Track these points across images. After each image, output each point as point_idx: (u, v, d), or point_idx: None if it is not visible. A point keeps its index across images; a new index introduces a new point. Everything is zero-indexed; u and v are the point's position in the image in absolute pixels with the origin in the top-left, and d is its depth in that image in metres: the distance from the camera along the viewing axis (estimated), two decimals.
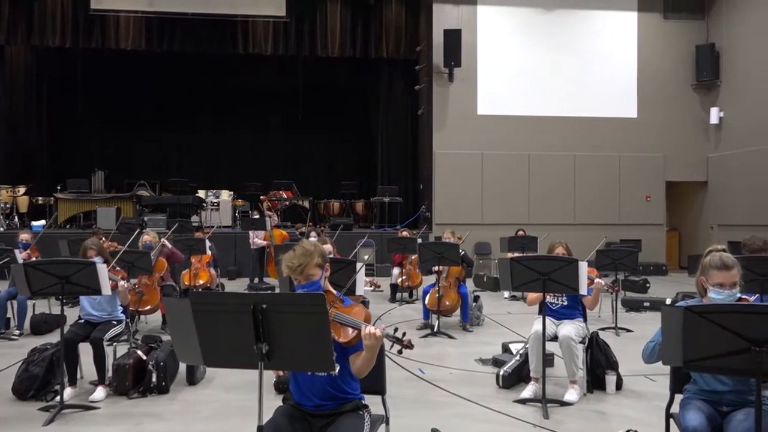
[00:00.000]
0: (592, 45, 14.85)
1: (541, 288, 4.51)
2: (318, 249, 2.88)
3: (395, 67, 16.06)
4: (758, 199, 13.25)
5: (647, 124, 14.85)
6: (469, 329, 7.61)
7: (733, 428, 2.71)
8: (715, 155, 14.81)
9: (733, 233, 12.83)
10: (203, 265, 8.89)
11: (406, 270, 9.55)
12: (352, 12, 15.16)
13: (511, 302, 9.94)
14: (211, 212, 14.67)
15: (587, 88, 14.74)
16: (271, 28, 14.86)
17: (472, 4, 14.61)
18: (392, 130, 16.44)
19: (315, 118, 17.55)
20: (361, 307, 2.83)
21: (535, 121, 14.62)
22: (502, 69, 14.63)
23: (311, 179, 17.77)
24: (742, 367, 2.27)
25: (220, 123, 17.60)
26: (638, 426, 3.98)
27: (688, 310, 2.31)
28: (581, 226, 13.96)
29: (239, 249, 12.79)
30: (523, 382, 5.09)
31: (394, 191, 14.83)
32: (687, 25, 15.05)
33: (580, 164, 14.70)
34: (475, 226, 12.88)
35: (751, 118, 13.58)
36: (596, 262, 7.97)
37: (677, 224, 15.82)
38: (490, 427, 4.32)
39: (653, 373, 5.27)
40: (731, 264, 2.91)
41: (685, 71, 14.99)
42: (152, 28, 14.67)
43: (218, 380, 5.30)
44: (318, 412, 2.78)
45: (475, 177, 14.43)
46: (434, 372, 5.64)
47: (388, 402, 3.07)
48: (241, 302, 2.28)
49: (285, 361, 2.38)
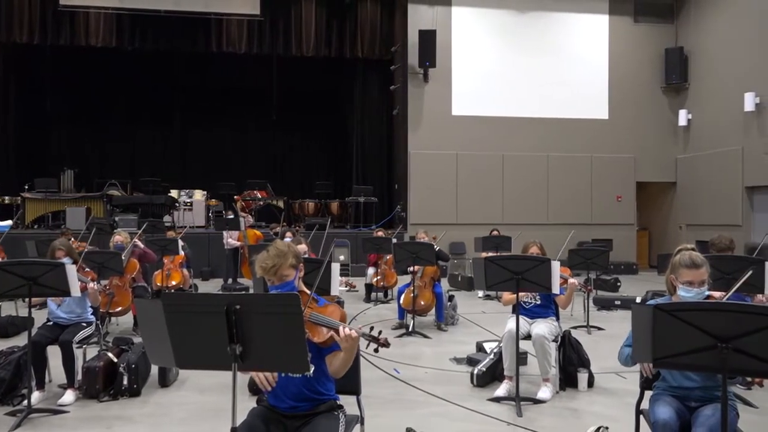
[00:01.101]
0: (564, 47, 15.04)
1: (514, 287, 4.55)
2: (292, 249, 2.86)
3: (370, 67, 16.05)
4: (724, 199, 13.58)
5: (618, 125, 15.10)
6: (443, 329, 7.65)
7: (700, 423, 2.77)
8: (684, 156, 15.13)
9: (700, 233, 13.12)
10: (176, 266, 8.77)
11: (381, 270, 9.55)
12: (328, 11, 15.11)
13: (485, 301, 10.01)
14: (184, 212, 14.50)
15: (560, 90, 14.92)
16: (246, 27, 14.73)
17: (447, 5, 14.69)
18: (367, 130, 16.43)
19: (290, 117, 17.44)
20: (336, 307, 2.83)
21: (509, 122, 14.76)
22: (476, 70, 14.73)
23: (286, 179, 17.68)
24: (710, 364, 2.32)
25: (193, 122, 17.39)
26: (609, 422, 4.04)
27: (657, 309, 2.35)
28: (554, 226, 14.11)
29: (213, 249, 12.66)
30: (497, 380, 5.13)
31: (369, 191, 14.83)
32: (656, 28, 15.34)
33: (553, 165, 14.88)
34: (450, 226, 12.95)
35: (718, 120, 13.90)
36: (569, 261, 8.08)
37: (647, 224, 16.12)
38: (464, 425, 4.34)
39: (624, 371, 5.34)
40: (700, 263, 2.97)
41: (655, 74, 15.28)
42: (123, 26, 14.41)
43: (191, 382, 5.24)
44: (292, 413, 2.76)
45: (450, 177, 14.51)
46: (409, 371, 5.65)
47: (362, 402, 3.07)
48: (215, 303, 2.26)
49: (259, 362, 2.36)
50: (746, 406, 4.58)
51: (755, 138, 12.85)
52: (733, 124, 13.40)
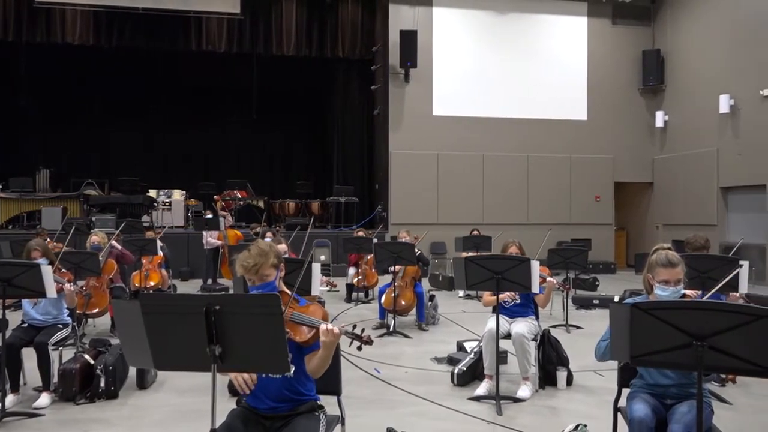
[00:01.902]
0: (544, 49, 15.17)
1: (495, 287, 4.58)
2: (273, 249, 2.85)
3: (351, 66, 16.03)
4: (700, 199, 13.81)
5: (597, 126, 15.27)
6: (424, 328, 7.67)
7: (676, 420, 2.81)
8: (660, 157, 15.35)
9: (676, 232, 13.33)
10: (154, 266, 8.67)
11: (361, 270, 9.54)
12: (308, 11, 15.06)
13: (465, 301, 10.06)
14: (163, 212, 14.34)
15: (539, 91, 15.05)
16: (225, 25, 14.62)
17: (428, 6, 14.72)
18: (348, 130, 16.41)
19: (270, 116, 17.35)
20: (318, 306, 2.82)
21: (490, 123, 14.85)
22: (457, 70, 14.79)
23: (266, 179, 17.59)
24: (685, 362, 2.36)
25: (172, 121, 17.20)
26: (588, 420, 4.08)
27: (634, 307, 2.38)
28: (534, 226, 14.23)
29: (192, 249, 12.55)
30: (478, 379, 5.15)
31: (350, 191, 14.82)
32: (634, 31, 15.54)
33: (532, 165, 15.00)
34: (431, 226, 12.99)
35: (693, 121, 14.13)
36: (548, 260, 8.15)
37: (625, 224, 16.33)
38: (445, 424, 4.36)
39: (602, 369, 5.42)
40: (676, 262, 3.01)
41: (633, 76, 15.48)
42: (101, 23, 14.21)
43: (170, 384, 5.19)
44: (272, 414, 2.75)
45: (431, 177, 14.55)
46: (390, 371, 5.66)
47: (343, 402, 3.06)
48: (194, 304, 2.24)
49: (239, 363, 2.35)
50: (721, 403, 4.66)
51: (730, 139, 13.09)
52: (708, 126, 13.63)
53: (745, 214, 12.89)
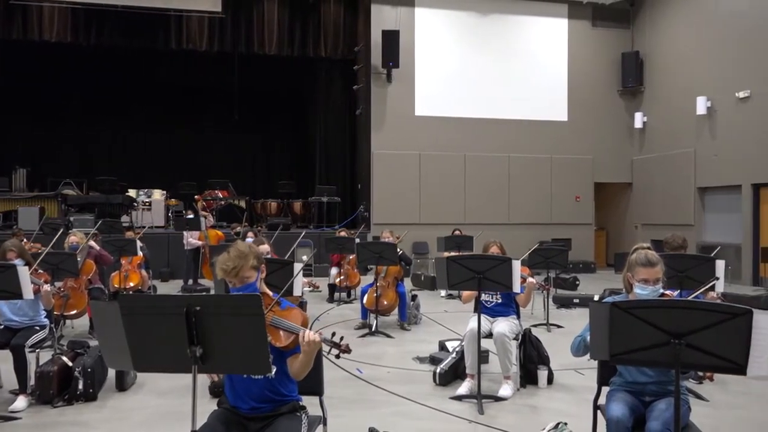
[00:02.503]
0: (525, 50, 15.28)
1: (476, 286, 4.61)
2: (253, 250, 2.83)
3: (333, 66, 16.01)
4: (677, 199, 14.02)
5: (577, 127, 15.42)
6: (406, 328, 7.68)
7: (654, 417, 2.85)
8: (639, 158, 15.55)
9: (655, 232, 13.51)
10: (134, 267, 8.57)
11: (344, 270, 9.53)
12: (290, 10, 15.00)
13: (447, 300, 10.09)
14: (143, 212, 14.20)
15: (521, 92, 15.15)
16: (206, 24, 14.51)
17: (410, 6, 14.75)
18: (330, 130, 16.38)
19: (252, 116, 17.26)
20: (298, 311, 2.81)
21: (472, 123, 14.92)
22: (439, 71, 14.84)
23: (248, 178, 17.50)
24: (663, 359, 2.39)
25: (152, 120, 17.02)
26: (568, 418, 4.12)
27: (614, 306, 2.41)
28: (515, 226, 14.35)
29: (172, 250, 12.44)
30: (459, 378, 5.17)
31: (332, 191, 14.79)
32: (614, 33, 15.73)
33: (514, 166, 15.10)
34: (413, 226, 13.02)
35: (671, 122, 14.34)
36: (529, 260, 8.20)
37: (604, 223, 16.52)
38: (426, 424, 4.37)
39: (582, 367, 5.47)
40: (655, 261, 3.06)
41: (612, 77, 15.66)
42: (79, 21, 14.02)
43: (150, 385, 5.13)
44: (254, 414, 2.74)
45: (413, 177, 14.58)
46: (372, 371, 5.66)
47: (325, 402, 3.06)
48: (174, 304, 2.22)
49: (220, 364, 2.34)
50: (698, 400, 4.73)
51: (707, 140, 13.31)
52: (685, 127, 13.84)
53: (721, 214, 13.11)
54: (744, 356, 2.29)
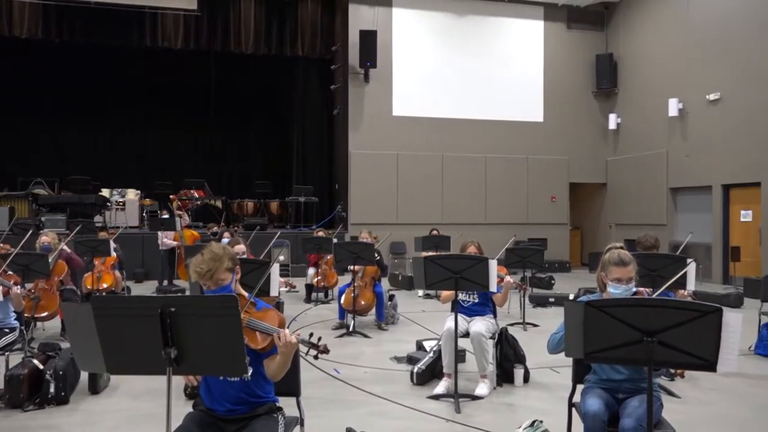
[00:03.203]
0: (501, 51, 15.40)
1: (454, 286, 4.63)
2: (227, 252, 2.79)
3: (311, 66, 15.94)
4: (650, 199, 14.26)
5: (552, 128, 15.59)
6: (384, 328, 7.69)
7: (628, 414, 2.90)
8: (613, 159, 15.78)
9: (628, 232, 13.73)
10: (107, 268, 8.44)
11: (321, 270, 9.51)
12: (267, 9, 14.90)
13: (425, 300, 10.12)
14: (117, 212, 14.00)
15: (497, 93, 15.27)
16: (182, 22, 14.32)
17: (388, 6, 14.76)
18: (308, 130, 16.31)
19: (228, 115, 17.11)
20: (275, 312, 2.79)
21: (449, 123, 14.99)
22: (417, 71, 14.88)
23: (224, 178, 17.34)
24: (636, 357, 2.43)
25: (125, 118, 16.76)
26: (543, 416, 4.16)
27: (588, 305, 2.44)
28: (492, 226, 14.45)
29: (147, 250, 12.27)
30: (437, 378, 5.19)
31: (309, 191, 14.73)
32: (588, 35, 15.93)
33: (491, 166, 15.21)
34: (391, 226, 13.03)
35: (644, 124, 14.58)
36: (505, 260, 8.27)
37: (579, 223, 16.72)
38: (404, 423, 4.38)
39: (558, 365, 5.54)
40: (628, 260, 3.11)
41: (587, 79, 15.86)
42: (50, 17, 13.73)
43: (123, 388, 5.06)
44: (230, 417, 2.72)
45: (391, 177, 14.60)
46: (349, 371, 5.65)
47: (302, 403, 3.04)
48: (148, 306, 2.19)
49: (195, 365, 2.31)
50: (670, 396, 4.82)
51: (678, 142, 13.55)
52: (658, 128, 14.08)
53: (692, 214, 13.36)
54: (714, 353, 2.33)
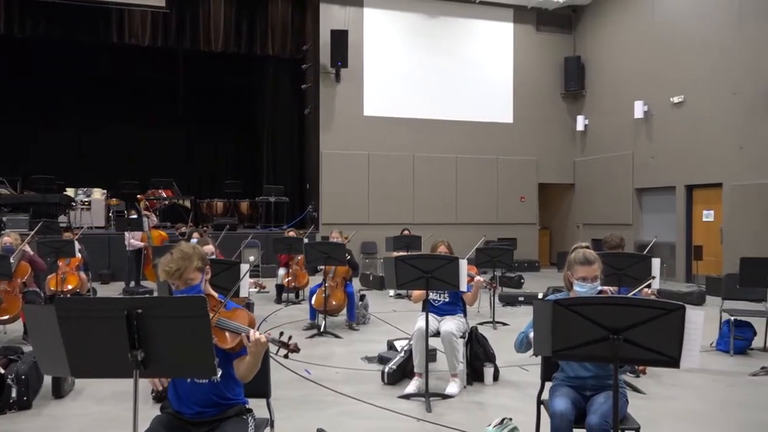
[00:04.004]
0: (472, 53, 15.52)
1: (424, 285, 4.65)
2: (197, 252, 2.77)
3: (281, 65, 15.83)
4: (617, 200, 14.53)
5: (522, 129, 15.77)
6: (355, 328, 7.68)
7: (594, 411, 2.95)
8: (581, 160, 16.04)
9: (596, 231, 13.95)
10: (72, 269, 8.26)
11: (292, 270, 9.46)
12: (237, 6, 14.74)
13: (396, 300, 10.14)
14: (82, 212, 13.68)
15: (468, 94, 15.38)
16: (150, 19, 14.08)
17: (359, 6, 14.75)
18: (278, 129, 16.20)
19: (198, 114, 16.89)
20: (245, 311, 2.77)
21: (420, 124, 15.05)
22: (388, 71, 14.90)
23: (193, 177, 17.11)
24: (602, 354, 2.47)
25: (91, 116, 16.41)
26: (513, 413, 4.21)
27: (556, 304, 2.48)
28: (462, 226, 14.55)
29: (113, 251, 12.05)
30: (408, 377, 5.21)
31: (280, 191, 14.63)
32: (557, 38, 16.16)
33: (461, 166, 15.32)
34: (362, 226, 13.03)
35: (611, 125, 14.85)
36: (475, 259, 8.34)
37: (548, 223, 16.96)
38: (374, 423, 4.39)
39: (526, 364, 5.61)
40: (593, 259, 3.16)
41: (555, 81, 16.09)
42: (12, 11, 13.34)
43: (88, 392, 4.96)
44: (199, 419, 2.68)
45: (362, 177, 14.59)
46: (320, 372, 5.64)
47: (272, 405, 3.02)
48: (114, 307, 2.15)
49: (163, 368, 2.28)
50: (635, 393, 4.93)
51: (643, 143, 13.84)
52: (624, 130, 14.36)
53: (657, 214, 13.67)
54: (677, 350, 2.39)
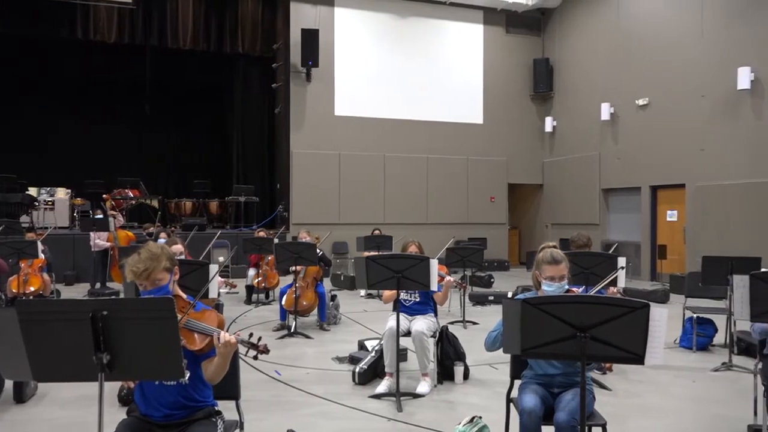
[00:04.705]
0: (443, 54, 15.60)
1: (395, 285, 4.66)
2: (165, 252, 2.73)
3: (252, 63, 15.69)
4: (584, 200, 14.78)
5: (491, 130, 15.92)
6: (326, 328, 7.66)
7: (562, 408, 3.00)
8: (549, 160, 16.26)
9: (564, 231, 14.18)
10: (35, 270, 8.05)
11: (262, 271, 9.38)
12: (206, 4, 14.57)
13: (367, 300, 10.14)
14: (45, 212, 13.36)
15: (438, 94, 15.46)
16: (116, 15, 13.82)
17: (330, 6, 14.70)
18: (248, 128, 16.05)
19: (165, 111, 16.63)
20: (214, 312, 2.74)
21: (391, 124, 15.07)
22: (359, 71, 14.88)
23: (161, 177, 16.86)
24: (570, 352, 2.51)
25: (56, 113, 16.03)
26: (483, 412, 4.24)
27: (525, 303, 2.51)
28: (433, 226, 14.63)
29: (78, 252, 11.79)
30: (379, 377, 5.22)
31: (250, 190, 14.50)
32: (526, 40, 16.35)
33: (432, 166, 15.39)
34: (333, 226, 12.99)
35: (578, 127, 15.10)
36: (446, 259, 8.39)
37: (517, 223, 17.16)
38: (346, 424, 4.38)
39: (496, 362, 5.67)
40: (560, 259, 3.22)
41: (524, 82, 16.28)
42: None
43: (52, 396, 4.84)
44: (167, 422, 2.64)
45: (333, 177, 14.55)
46: (291, 373, 5.61)
47: (242, 406, 3.00)
48: (78, 309, 2.10)
49: (129, 371, 2.23)
50: (602, 389, 5.02)
51: (610, 144, 14.11)
52: (591, 132, 14.62)
53: (623, 214, 13.94)
54: (642, 347, 2.44)
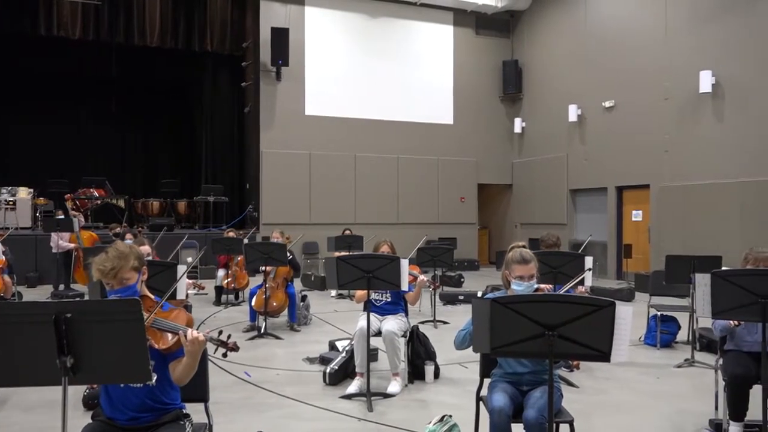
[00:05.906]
0: (413, 54, 15.65)
1: (366, 285, 4.66)
2: (134, 251, 2.69)
3: (221, 62, 15.51)
4: (552, 200, 15.00)
5: (461, 130, 16.04)
6: (296, 329, 7.62)
7: (531, 405, 3.04)
8: (518, 161, 16.46)
9: (533, 231, 14.36)
10: None
11: (231, 271, 9.29)
12: (174, 0, 14.34)
13: (338, 300, 10.12)
14: (6, 212, 12.98)
15: (409, 95, 15.51)
16: (80, 10, 13.50)
17: (300, 5, 14.62)
18: (217, 127, 15.86)
19: (132, 110, 16.35)
20: (182, 311, 2.70)
21: (362, 124, 15.06)
22: (329, 71, 14.83)
23: (128, 176, 16.56)
24: (538, 350, 2.54)
25: (17, 111, 15.60)
26: (453, 410, 4.27)
27: (494, 302, 2.53)
28: (404, 225, 14.67)
29: (40, 253, 11.50)
30: (349, 377, 5.21)
31: (219, 190, 14.34)
32: (495, 41, 16.51)
33: (402, 166, 15.43)
34: (303, 226, 12.93)
35: (546, 128, 15.31)
36: (417, 259, 8.43)
37: (487, 223, 17.32)
38: (316, 425, 4.36)
39: (466, 361, 5.71)
40: (529, 258, 3.26)
41: (494, 84, 16.44)
42: None
43: (14, 401, 4.71)
44: (133, 426, 2.60)
45: (303, 177, 14.48)
46: (261, 374, 5.56)
47: (211, 409, 2.96)
48: (40, 312, 2.05)
49: (94, 374, 2.19)
50: (569, 387, 5.10)
51: (577, 146, 14.34)
52: (559, 133, 14.84)
53: (590, 214, 14.19)
54: (608, 345, 2.49)
